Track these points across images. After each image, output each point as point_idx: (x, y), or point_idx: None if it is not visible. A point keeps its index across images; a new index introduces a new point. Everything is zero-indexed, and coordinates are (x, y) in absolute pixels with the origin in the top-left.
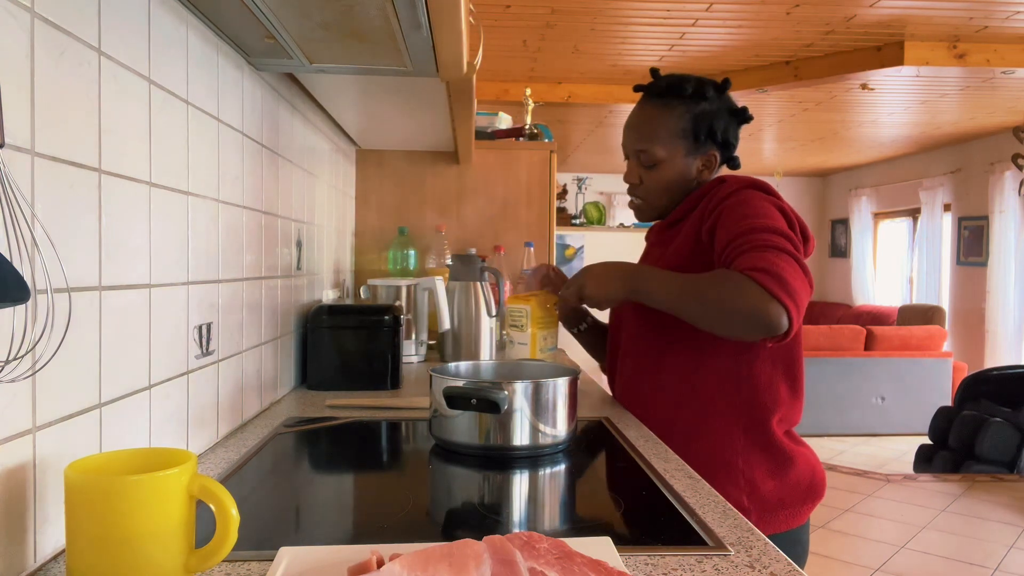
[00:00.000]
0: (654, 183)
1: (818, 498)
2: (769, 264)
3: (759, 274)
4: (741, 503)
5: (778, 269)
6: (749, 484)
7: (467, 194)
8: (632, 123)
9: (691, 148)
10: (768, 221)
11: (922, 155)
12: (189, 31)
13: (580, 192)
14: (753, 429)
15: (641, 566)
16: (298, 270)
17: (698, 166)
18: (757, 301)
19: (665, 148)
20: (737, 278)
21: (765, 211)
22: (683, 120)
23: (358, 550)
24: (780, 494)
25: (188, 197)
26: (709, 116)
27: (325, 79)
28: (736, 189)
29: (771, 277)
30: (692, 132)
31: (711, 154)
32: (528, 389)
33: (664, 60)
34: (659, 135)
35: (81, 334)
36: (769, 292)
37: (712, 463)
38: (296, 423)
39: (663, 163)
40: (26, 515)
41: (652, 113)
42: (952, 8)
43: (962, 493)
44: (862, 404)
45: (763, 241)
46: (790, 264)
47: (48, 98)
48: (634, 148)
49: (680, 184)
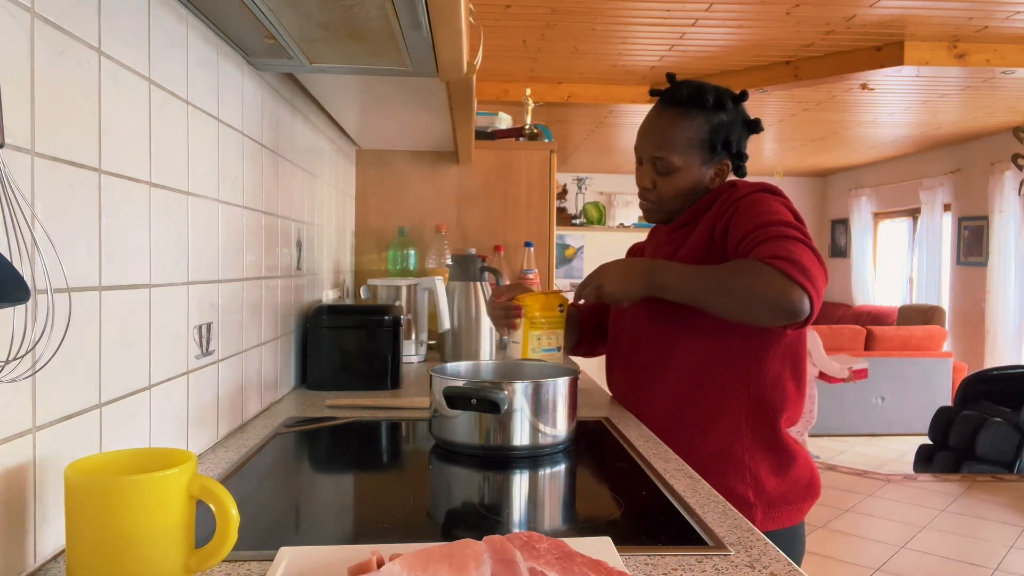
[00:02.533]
0: (667, 189)
1: (816, 495)
2: (787, 252)
3: (779, 261)
4: (747, 499)
5: (796, 256)
6: (755, 480)
7: (467, 194)
8: (649, 129)
9: (707, 158)
10: (781, 217)
11: (922, 155)
12: (189, 31)
13: (580, 192)
14: (761, 427)
15: (641, 566)
16: (298, 270)
17: (711, 175)
18: (779, 286)
19: (682, 157)
20: (757, 266)
21: (778, 210)
22: (701, 131)
23: (358, 550)
24: (783, 490)
25: (188, 197)
26: (726, 127)
27: (325, 79)
28: (749, 192)
29: (790, 263)
30: (709, 143)
31: (724, 163)
32: (528, 389)
33: (664, 60)
34: (677, 144)
35: (81, 334)
36: (790, 277)
37: (720, 460)
38: (296, 423)
39: (678, 171)
40: (26, 515)
41: (670, 121)
42: (952, 8)
43: (962, 493)
44: (862, 404)
45: (778, 232)
46: (806, 251)
47: (48, 98)
48: (650, 154)
49: (692, 191)
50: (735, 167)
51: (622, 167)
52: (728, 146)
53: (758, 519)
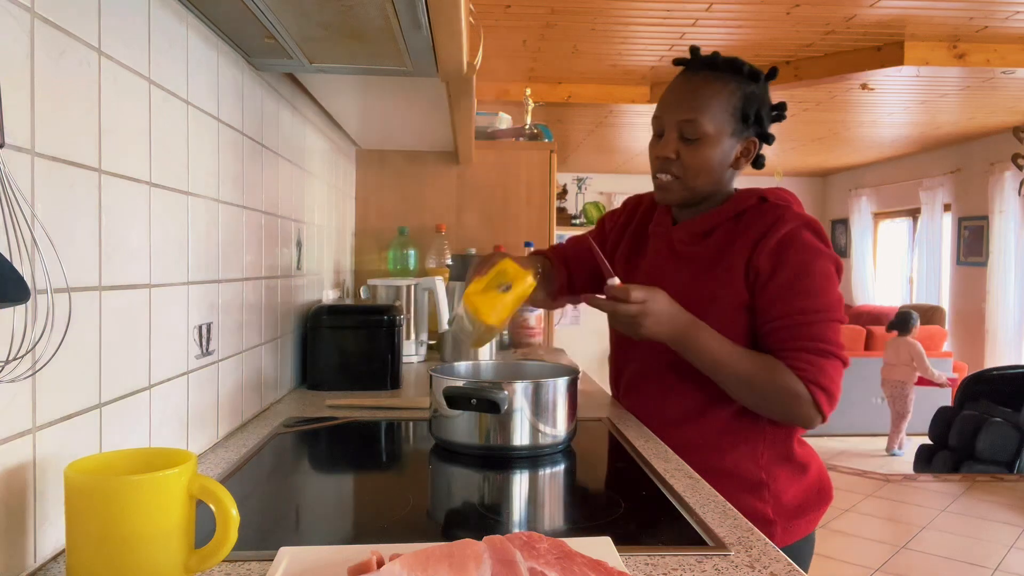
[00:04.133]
0: (692, 159)
1: (828, 500)
2: (826, 379)
3: (815, 388)
4: (766, 516)
5: (830, 382)
6: (774, 497)
7: (467, 194)
8: (677, 93)
9: (737, 129)
10: (825, 301)
11: (922, 155)
12: (189, 31)
13: (580, 192)
14: (777, 442)
15: (641, 566)
16: (298, 270)
17: (737, 151)
18: (804, 412)
19: (714, 123)
20: (791, 382)
21: (824, 287)
22: (735, 97)
23: (358, 550)
24: (800, 501)
25: (188, 197)
26: (758, 99)
27: (325, 79)
28: (792, 231)
29: (824, 393)
30: (742, 111)
31: (751, 141)
32: (528, 389)
33: (664, 60)
34: (710, 107)
35: (81, 334)
36: (818, 407)
37: (737, 480)
38: (296, 423)
39: (707, 139)
40: (26, 515)
41: (703, 84)
42: (952, 8)
43: (962, 493)
44: (862, 404)
45: (821, 339)
46: (838, 371)
47: (48, 98)
48: (678, 118)
49: (717, 168)
50: (757, 153)
51: (622, 167)
52: (760, 121)
53: (777, 535)
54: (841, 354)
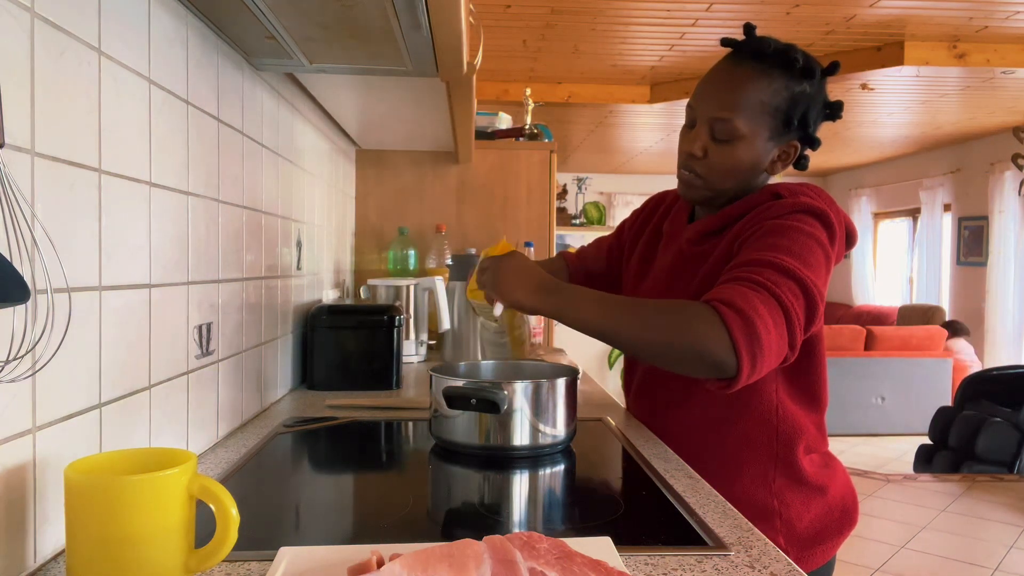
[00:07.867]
0: (720, 161)
1: (852, 524)
2: (742, 297)
3: (725, 308)
4: (778, 544)
5: (750, 304)
6: (786, 525)
7: (467, 194)
8: (716, 84)
9: (776, 131)
10: (789, 260)
11: (922, 155)
12: (189, 31)
13: (580, 192)
14: (783, 464)
15: (641, 566)
16: (298, 270)
17: (773, 156)
18: (703, 332)
19: (749, 124)
20: (696, 306)
21: (799, 248)
22: (779, 96)
23: (358, 550)
24: (816, 530)
25: (188, 197)
26: (808, 101)
27: (325, 79)
28: (788, 212)
29: (733, 310)
30: (785, 113)
31: (792, 145)
32: (528, 389)
33: (664, 60)
34: (747, 107)
35: (81, 334)
36: (727, 328)
37: (748, 508)
38: (296, 423)
39: (740, 140)
40: (26, 515)
41: (745, 77)
42: (952, 8)
43: (962, 493)
44: (862, 404)
45: (761, 278)
46: (775, 315)
47: (48, 98)
48: (711, 115)
49: (748, 172)
50: (800, 158)
51: (622, 167)
52: (805, 124)
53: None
54: (783, 298)
